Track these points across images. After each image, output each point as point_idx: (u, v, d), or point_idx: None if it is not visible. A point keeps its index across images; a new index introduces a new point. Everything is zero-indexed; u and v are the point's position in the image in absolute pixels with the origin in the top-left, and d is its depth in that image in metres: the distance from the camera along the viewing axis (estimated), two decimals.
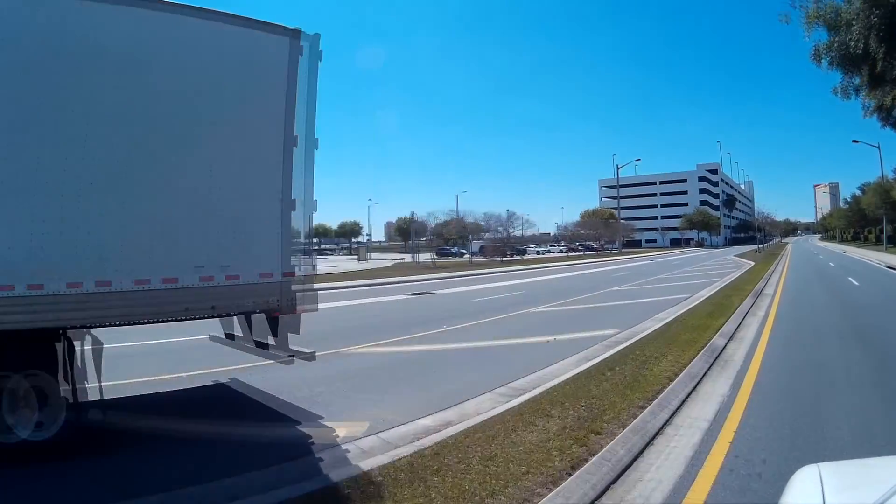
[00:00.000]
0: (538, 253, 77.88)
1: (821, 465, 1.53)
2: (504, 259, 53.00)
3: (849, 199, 79.81)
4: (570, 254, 71.55)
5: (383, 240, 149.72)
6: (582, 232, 74.65)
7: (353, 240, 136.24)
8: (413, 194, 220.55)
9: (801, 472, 1.54)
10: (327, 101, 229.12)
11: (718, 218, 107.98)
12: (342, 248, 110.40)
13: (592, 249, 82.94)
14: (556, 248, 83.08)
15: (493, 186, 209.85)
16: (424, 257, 52.18)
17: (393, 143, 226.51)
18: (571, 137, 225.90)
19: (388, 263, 53.50)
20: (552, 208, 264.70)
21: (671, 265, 36.95)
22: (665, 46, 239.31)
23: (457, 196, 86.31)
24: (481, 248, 72.18)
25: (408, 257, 61.86)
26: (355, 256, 66.61)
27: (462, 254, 70.16)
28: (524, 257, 66.02)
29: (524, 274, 32.11)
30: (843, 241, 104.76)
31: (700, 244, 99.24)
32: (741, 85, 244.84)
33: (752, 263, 32.76)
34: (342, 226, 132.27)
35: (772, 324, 10.72)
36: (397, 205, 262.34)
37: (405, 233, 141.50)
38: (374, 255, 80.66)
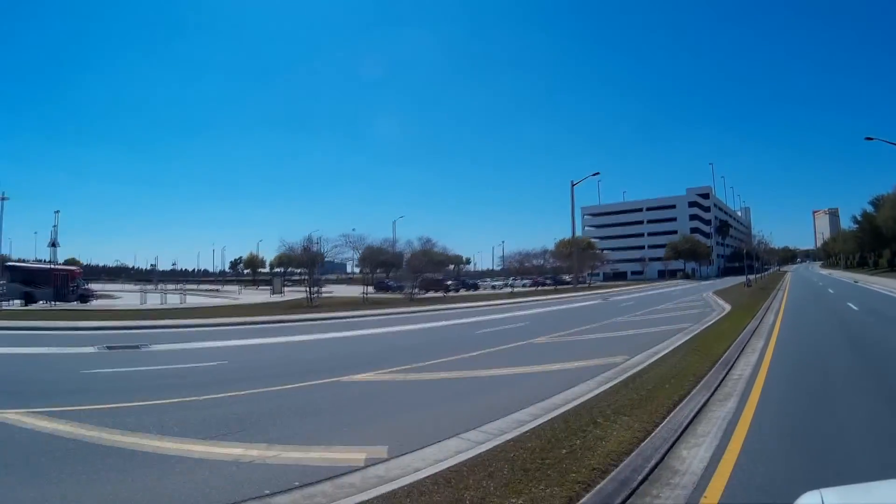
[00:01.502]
0: (493, 287, 66.53)
1: (823, 490, 1.50)
2: (419, 297, 41.06)
3: (858, 218, 67.69)
4: (527, 288, 59.83)
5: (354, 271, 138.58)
6: (528, 265, 62.98)
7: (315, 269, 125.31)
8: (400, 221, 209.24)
9: (804, 498, 1.51)
10: (319, 116, 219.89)
11: (708, 246, 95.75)
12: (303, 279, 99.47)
13: (563, 283, 71.22)
14: (520, 283, 71.36)
15: (479, 217, 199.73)
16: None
17: (383, 168, 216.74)
18: (558, 166, 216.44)
19: (289, 298, 42.45)
20: (546, 238, 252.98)
21: (617, 309, 25.07)
22: (658, 75, 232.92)
23: (394, 223, 75.05)
24: (419, 281, 62.42)
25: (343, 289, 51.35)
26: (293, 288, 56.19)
27: (400, 288, 59.18)
28: (469, 292, 54.34)
29: (382, 321, 20.59)
30: (848, 267, 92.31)
31: (688, 275, 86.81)
32: (736, 111, 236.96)
33: (728, 308, 20.78)
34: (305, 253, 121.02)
35: None
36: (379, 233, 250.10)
37: (372, 263, 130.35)
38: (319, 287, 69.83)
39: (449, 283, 58.53)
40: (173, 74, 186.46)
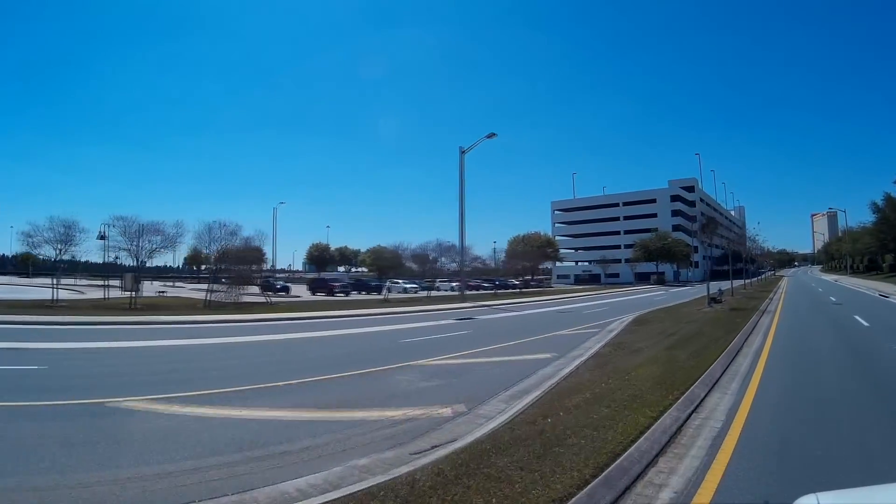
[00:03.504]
0: (405, 290, 51.34)
1: (819, 494, 1.46)
2: (220, 302, 25.26)
3: (879, 204, 50.52)
4: (431, 293, 44.13)
5: (300, 267, 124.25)
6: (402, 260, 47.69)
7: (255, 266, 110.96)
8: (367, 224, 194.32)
9: (801, 500, 1.46)
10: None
11: (688, 245, 79.33)
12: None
13: (506, 286, 55.51)
14: (449, 285, 56.39)
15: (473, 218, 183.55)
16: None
17: (383, 168, 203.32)
18: (553, 167, 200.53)
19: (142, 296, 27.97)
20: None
21: (398, 348, 9.28)
22: (653, 79, 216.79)
23: (274, 209, 59.89)
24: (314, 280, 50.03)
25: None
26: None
27: (286, 289, 45.33)
28: (353, 297, 38.74)
29: None
30: (855, 271, 75.98)
31: (662, 280, 70.55)
32: (734, 116, 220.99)
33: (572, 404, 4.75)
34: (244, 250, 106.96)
35: None
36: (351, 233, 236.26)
37: (319, 260, 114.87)
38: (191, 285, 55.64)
39: (336, 285, 45.23)
40: (173, 74, 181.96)
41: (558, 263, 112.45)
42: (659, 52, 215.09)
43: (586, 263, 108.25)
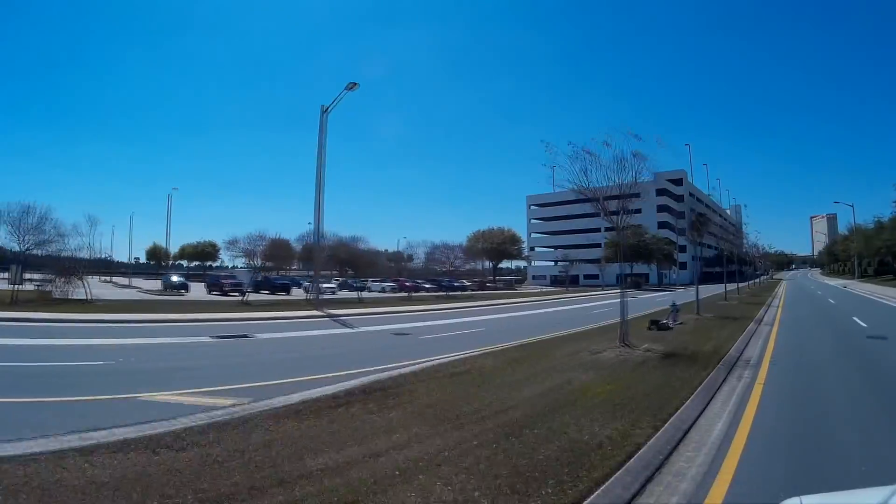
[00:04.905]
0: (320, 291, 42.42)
1: (803, 497, 1.48)
2: None
3: None
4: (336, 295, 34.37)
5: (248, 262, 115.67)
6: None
7: (210, 263, 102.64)
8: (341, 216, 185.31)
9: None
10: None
11: (670, 242, 68.70)
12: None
13: (452, 289, 45.28)
14: (379, 286, 47.37)
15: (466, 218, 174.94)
16: None
17: (382, 169, 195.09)
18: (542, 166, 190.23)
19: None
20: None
21: None
22: (651, 81, 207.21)
23: (169, 196, 50.78)
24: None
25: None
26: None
27: (185, 286, 40.11)
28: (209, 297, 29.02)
29: None
30: (863, 276, 65.73)
31: (638, 283, 59.99)
32: (733, 119, 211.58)
33: None
34: (196, 246, 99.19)
35: None
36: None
37: (275, 257, 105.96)
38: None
39: (228, 283, 39.28)
40: (172, 73, 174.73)
41: (535, 263, 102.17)
42: (658, 54, 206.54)
43: (566, 263, 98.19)
